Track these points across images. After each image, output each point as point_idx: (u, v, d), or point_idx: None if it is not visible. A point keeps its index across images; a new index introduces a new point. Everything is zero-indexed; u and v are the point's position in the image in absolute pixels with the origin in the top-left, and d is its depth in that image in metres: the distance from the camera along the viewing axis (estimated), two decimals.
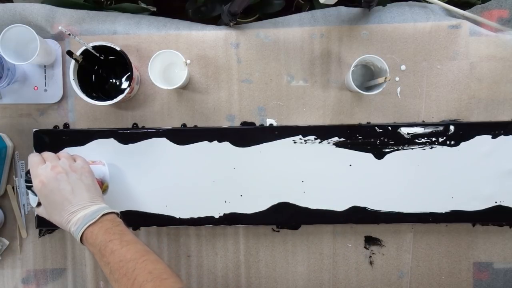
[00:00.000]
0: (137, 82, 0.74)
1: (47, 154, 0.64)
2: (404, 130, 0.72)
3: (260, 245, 0.76)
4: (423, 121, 0.74)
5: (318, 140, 0.73)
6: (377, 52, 0.74)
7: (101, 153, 0.73)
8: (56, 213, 0.59)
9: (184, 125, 0.76)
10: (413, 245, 0.75)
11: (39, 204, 0.64)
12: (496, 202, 0.72)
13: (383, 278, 0.76)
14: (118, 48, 0.69)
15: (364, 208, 0.73)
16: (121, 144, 0.73)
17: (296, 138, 0.73)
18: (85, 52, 0.68)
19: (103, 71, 0.74)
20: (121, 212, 0.73)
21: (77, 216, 0.57)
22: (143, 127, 0.76)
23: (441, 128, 0.72)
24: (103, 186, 0.69)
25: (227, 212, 0.73)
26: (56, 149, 0.73)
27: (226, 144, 0.73)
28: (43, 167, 0.61)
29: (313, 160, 0.73)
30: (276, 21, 0.76)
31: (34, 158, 0.62)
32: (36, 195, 0.63)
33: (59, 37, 0.75)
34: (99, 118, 0.76)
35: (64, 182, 0.59)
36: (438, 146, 0.72)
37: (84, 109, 0.76)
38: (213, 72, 0.75)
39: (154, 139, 0.73)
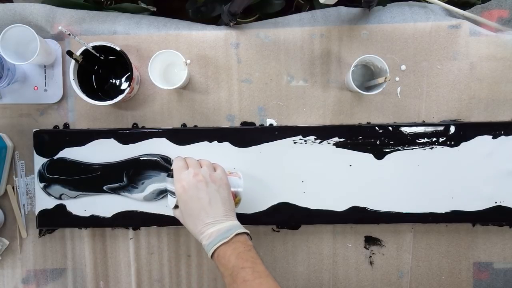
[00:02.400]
0: (137, 82, 0.74)
1: (190, 160, 0.64)
2: (404, 130, 0.72)
3: (260, 245, 0.76)
4: (423, 121, 0.74)
5: (318, 141, 0.73)
6: (377, 52, 0.74)
7: (101, 153, 0.73)
8: (190, 220, 0.59)
9: (184, 125, 0.76)
10: (413, 245, 0.75)
11: (176, 206, 0.64)
12: (496, 202, 0.72)
13: (383, 278, 0.76)
14: (118, 48, 0.69)
15: (364, 208, 0.73)
16: (121, 144, 0.73)
17: (296, 138, 0.73)
18: (85, 52, 0.68)
19: (103, 71, 0.74)
20: (122, 211, 0.74)
21: (210, 229, 0.57)
22: (143, 127, 0.76)
23: (441, 128, 0.72)
24: (235, 199, 0.66)
25: None
26: (56, 149, 0.73)
27: (226, 144, 0.73)
28: (186, 172, 0.61)
29: (313, 160, 0.73)
30: (276, 21, 0.76)
31: (179, 163, 0.63)
32: (174, 197, 0.64)
33: (59, 37, 0.75)
34: (99, 118, 0.76)
35: (203, 192, 0.59)
36: (438, 146, 0.72)
37: (84, 109, 0.76)
38: (213, 72, 0.75)
39: (154, 139, 0.73)
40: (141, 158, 0.73)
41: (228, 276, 0.54)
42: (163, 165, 0.73)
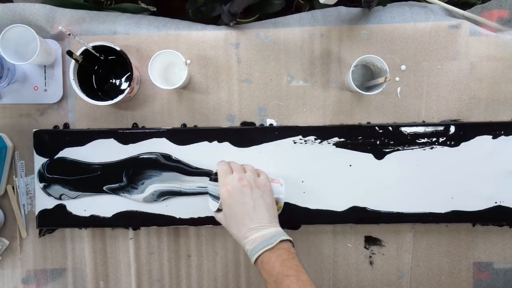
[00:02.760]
0: (137, 82, 0.74)
1: (234, 164, 0.64)
2: (404, 130, 0.72)
3: None
4: (423, 121, 0.74)
5: (318, 141, 0.73)
6: (377, 52, 0.74)
7: (101, 153, 0.73)
8: (234, 225, 0.60)
9: (184, 125, 0.76)
10: (413, 245, 0.75)
11: (219, 210, 0.64)
12: (496, 202, 0.72)
13: (383, 278, 0.76)
14: (118, 48, 0.69)
15: (364, 208, 0.73)
16: (121, 144, 0.73)
17: (296, 138, 0.73)
18: (85, 52, 0.68)
19: (103, 71, 0.74)
20: (122, 211, 0.74)
21: (254, 234, 0.57)
22: (143, 127, 0.76)
23: (441, 128, 0.72)
24: (277, 205, 0.66)
25: None
26: (56, 149, 0.73)
27: (226, 144, 0.73)
28: (231, 177, 0.61)
29: (313, 160, 0.73)
30: (276, 21, 0.76)
31: (223, 167, 0.63)
32: (216, 200, 0.64)
33: (59, 37, 0.75)
34: (99, 118, 0.76)
35: (247, 196, 0.59)
36: (438, 146, 0.72)
37: (84, 109, 0.76)
38: (213, 72, 0.75)
39: (154, 139, 0.73)
40: (140, 157, 0.73)
41: (272, 282, 0.54)
42: (163, 163, 0.73)
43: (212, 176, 0.68)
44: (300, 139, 0.73)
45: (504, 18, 0.75)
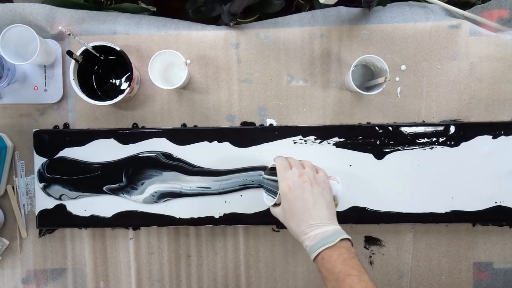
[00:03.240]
0: (137, 82, 0.74)
1: (292, 160, 0.63)
2: (404, 130, 0.72)
3: (260, 245, 0.76)
4: (423, 121, 0.74)
5: (318, 141, 0.73)
6: (377, 52, 0.74)
7: (101, 153, 0.73)
8: (293, 220, 0.59)
9: (184, 125, 0.76)
10: (413, 245, 0.75)
11: (275, 204, 0.64)
12: (496, 202, 0.72)
13: (383, 278, 0.76)
14: (118, 48, 0.69)
15: (364, 208, 0.73)
16: (121, 144, 0.73)
17: (296, 138, 0.73)
18: (85, 52, 0.68)
19: (103, 71, 0.74)
20: (122, 211, 0.74)
21: (315, 231, 0.57)
22: (143, 127, 0.76)
23: (441, 128, 0.72)
24: (333, 203, 0.64)
25: (227, 212, 0.73)
26: (56, 149, 0.73)
27: (226, 144, 0.73)
28: (291, 172, 0.60)
29: (313, 160, 0.73)
30: (276, 21, 0.76)
31: (283, 162, 0.62)
32: (272, 195, 0.64)
33: (59, 37, 0.75)
34: (99, 118, 0.76)
35: (308, 193, 0.59)
36: (438, 146, 0.72)
37: (84, 109, 0.76)
38: (213, 72, 0.75)
39: (154, 139, 0.73)
40: (140, 155, 0.73)
41: (333, 281, 0.54)
42: (163, 162, 0.73)
43: (267, 171, 0.68)
44: (300, 139, 0.73)
45: (504, 18, 0.75)
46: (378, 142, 0.73)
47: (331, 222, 0.58)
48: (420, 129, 0.72)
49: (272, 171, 0.65)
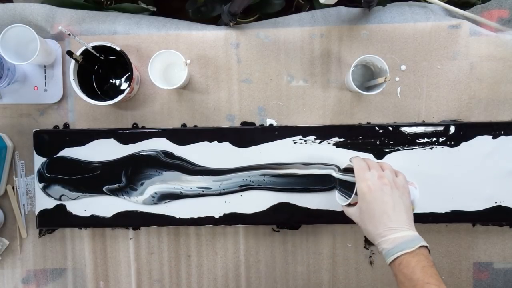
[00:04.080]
0: (137, 82, 0.74)
1: (370, 162, 0.63)
2: (404, 130, 0.72)
3: (260, 245, 0.76)
4: (423, 121, 0.74)
5: (318, 141, 0.73)
6: (377, 52, 0.74)
7: (101, 153, 0.73)
8: (370, 222, 0.58)
9: (184, 125, 0.76)
10: None
11: (349, 204, 0.64)
12: (496, 202, 0.72)
13: (383, 278, 0.76)
14: (118, 48, 0.69)
15: None
16: (121, 144, 0.73)
17: (296, 138, 0.73)
18: (85, 52, 0.68)
19: (103, 71, 0.74)
20: (122, 211, 0.74)
21: (394, 235, 0.56)
22: (143, 127, 0.76)
23: (441, 128, 0.72)
24: (411, 208, 0.63)
25: (227, 212, 0.73)
26: (56, 149, 0.73)
27: (226, 144, 0.73)
28: (371, 174, 0.60)
29: (313, 161, 0.73)
30: (276, 21, 0.76)
31: (361, 163, 0.62)
32: (345, 196, 0.64)
33: (59, 37, 0.75)
34: (99, 118, 0.76)
35: (387, 196, 0.58)
36: (438, 146, 0.72)
37: (84, 109, 0.76)
38: (213, 72, 0.75)
39: (154, 139, 0.73)
40: (139, 154, 0.73)
41: (410, 287, 0.53)
42: (163, 161, 0.73)
43: (341, 170, 0.68)
44: (300, 139, 0.73)
45: (504, 18, 0.75)
46: (378, 142, 0.73)
47: (410, 228, 0.57)
48: (420, 129, 0.72)
49: (347, 171, 0.64)
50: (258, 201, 0.73)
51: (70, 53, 0.64)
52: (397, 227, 0.56)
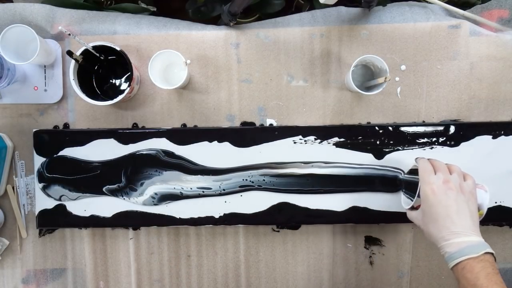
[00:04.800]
0: (137, 82, 0.74)
1: (437, 163, 0.62)
2: (404, 130, 0.72)
3: (260, 245, 0.76)
4: (423, 121, 0.74)
5: (318, 141, 0.73)
6: (377, 52, 0.74)
7: (101, 153, 0.73)
8: (434, 225, 0.58)
9: (184, 125, 0.76)
10: (413, 245, 0.75)
11: (413, 207, 0.64)
12: (496, 202, 0.72)
13: (383, 278, 0.76)
14: (118, 48, 0.69)
15: (364, 208, 0.73)
16: (121, 144, 0.73)
17: (296, 138, 0.73)
18: (85, 52, 0.68)
19: (103, 71, 0.74)
20: (122, 211, 0.74)
21: (458, 239, 0.56)
22: (143, 127, 0.76)
23: (441, 128, 0.72)
24: (478, 212, 0.62)
25: (227, 212, 0.73)
26: (56, 149, 0.73)
27: (226, 144, 0.73)
28: (435, 177, 0.59)
29: (313, 160, 0.73)
30: (276, 21, 0.76)
31: (426, 166, 0.61)
32: (410, 198, 0.63)
33: (59, 37, 0.75)
34: (99, 118, 0.76)
35: (452, 200, 0.57)
36: (438, 146, 0.72)
37: (84, 109, 0.76)
38: (213, 72, 0.75)
39: (154, 139, 0.73)
40: (139, 153, 0.73)
41: None
42: (163, 160, 0.73)
43: (407, 172, 0.68)
44: (300, 139, 0.73)
45: (504, 18, 0.75)
46: (378, 142, 0.73)
47: (474, 233, 0.56)
48: (420, 129, 0.72)
49: (413, 173, 0.64)
50: (258, 201, 0.73)
51: (70, 53, 0.64)
52: (461, 231, 0.56)
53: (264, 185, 0.73)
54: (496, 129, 0.72)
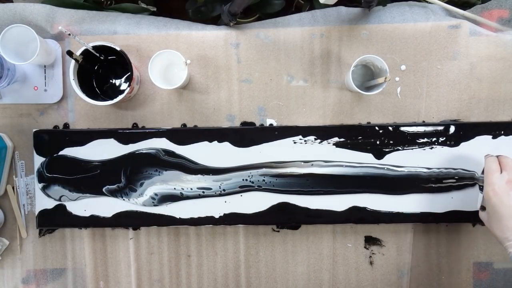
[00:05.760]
0: (137, 82, 0.74)
1: (506, 162, 0.61)
2: (404, 130, 0.72)
3: (260, 245, 0.76)
4: (423, 121, 0.74)
5: (318, 141, 0.73)
6: (377, 52, 0.74)
7: (101, 153, 0.73)
8: (497, 225, 0.59)
9: (184, 125, 0.76)
10: (413, 245, 0.75)
11: (482, 207, 0.64)
12: None
13: (383, 278, 0.76)
14: (118, 48, 0.69)
15: (364, 208, 0.73)
16: (121, 144, 0.73)
17: (296, 138, 0.73)
18: (85, 52, 0.68)
19: (103, 71, 0.74)
20: (122, 211, 0.74)
21: None
22: (143, 127, 0.76)
23: (441, 128, 0.72)
24: None
25: (227, 212, 0.73)
26: (56, 149, 0.73)
27: (226, 144, 0.73)
28: (499, 177, 0.59)
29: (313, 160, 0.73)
30: (276, 21, 0.76)
31: (492, 165, 0.61)
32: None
33: (59, 37, 0.75)
34: (99, 118, 0.76)
35: None
36: (438, 146, 0.72)
37: (84, 109, 0.76)
38: (213, 72, 0.75)
39: (154, 139, 0.73)
40: (139, 152, 0.73)
41: None
42: (163, 160, 0.73)
43: (481, 173, 0.68)
44: (300, 139, 0.73)
45: (504, 18, 0.75)
46: (378, 142, 0.73)
47: None
48: (420, 129, 0.72)
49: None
50: (258, 201, 0.73)
51: (70, 53, 0.64)
52: None
53: (264, 186, 0.73)
54: (496, 129, 0.72)
